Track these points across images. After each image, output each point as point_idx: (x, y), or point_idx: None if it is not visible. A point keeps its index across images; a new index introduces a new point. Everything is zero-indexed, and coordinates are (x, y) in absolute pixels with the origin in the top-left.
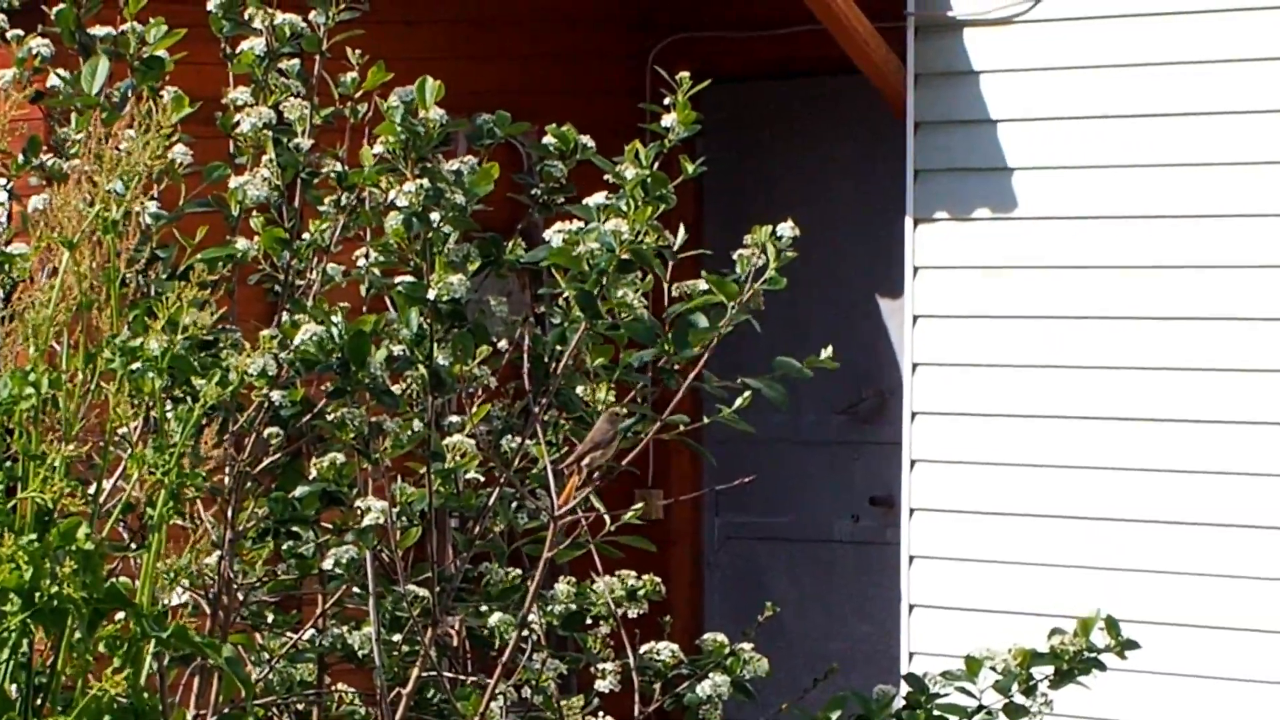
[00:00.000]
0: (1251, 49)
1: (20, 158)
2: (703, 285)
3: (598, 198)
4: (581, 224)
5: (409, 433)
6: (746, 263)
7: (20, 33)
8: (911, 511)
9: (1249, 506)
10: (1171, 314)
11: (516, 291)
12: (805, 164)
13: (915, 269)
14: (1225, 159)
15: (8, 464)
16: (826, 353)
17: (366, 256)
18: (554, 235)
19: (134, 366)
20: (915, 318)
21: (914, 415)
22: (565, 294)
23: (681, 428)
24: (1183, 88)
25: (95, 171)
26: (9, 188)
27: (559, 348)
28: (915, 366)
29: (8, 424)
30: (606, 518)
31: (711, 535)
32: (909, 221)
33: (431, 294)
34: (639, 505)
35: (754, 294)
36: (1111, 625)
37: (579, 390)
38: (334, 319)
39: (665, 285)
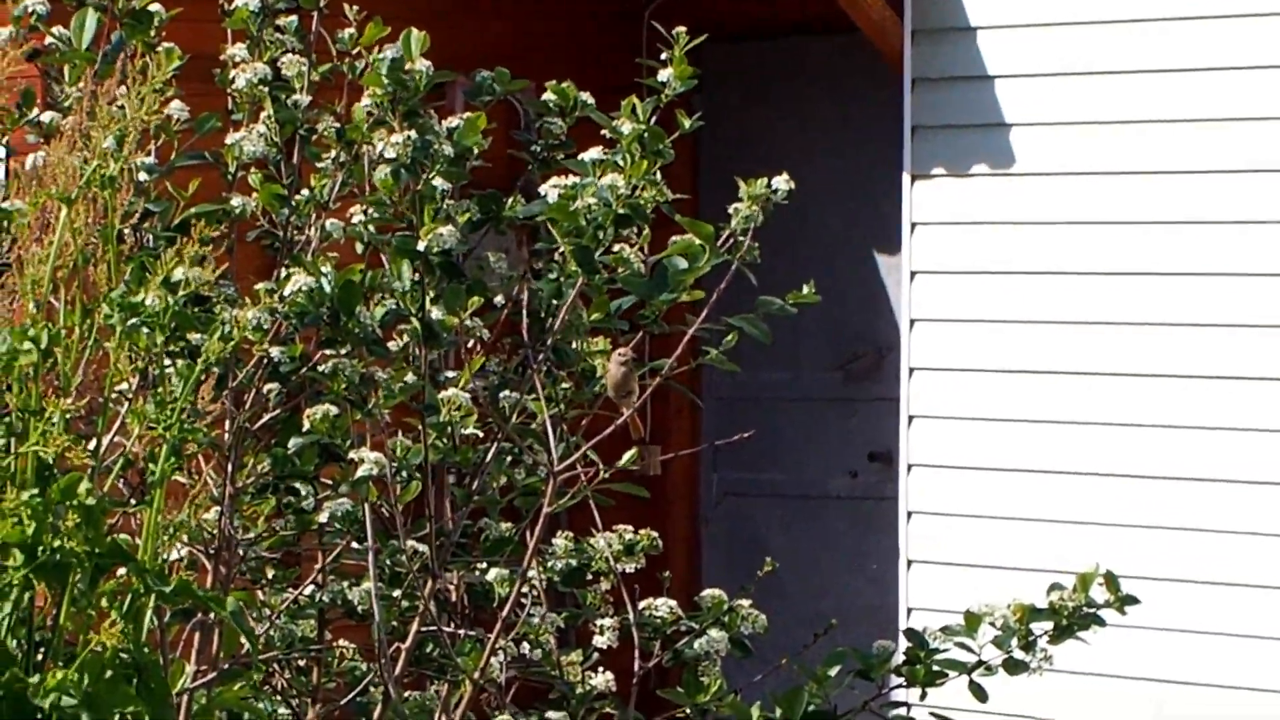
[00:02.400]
0: (1261, 4)
1: (15, 113)
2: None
3: (594, 153)
4: (577, 179)
5: (401, 384)
6: (741, 216)
7: None
8: (909, 467)
9: (1251, 462)
10: (1174, 269)
11: (514, 248)
12: (801, 121)
13: (912, 225)
14: (1231, 115)
15: (8, 419)
16: (808, 288)
17: (365, 213)
18: (550, 190)
19: (132, 322)
20: (912, 274)
21: (912, 371)
22: (561, 249)
23: (669, 371)
24: (1186, 43)
25: (90, 127)
26: (5, 143)
27: (555, 302)
28: (913, 322)
29: (7, 380)
30: (602, 467)
31: (709, 492)
32: (906, 178)
33: (422, 245)
34: (632, 451)
35: (748, 247)
36: (1111, 581)
37: (574, 345)
38: (324, 270)
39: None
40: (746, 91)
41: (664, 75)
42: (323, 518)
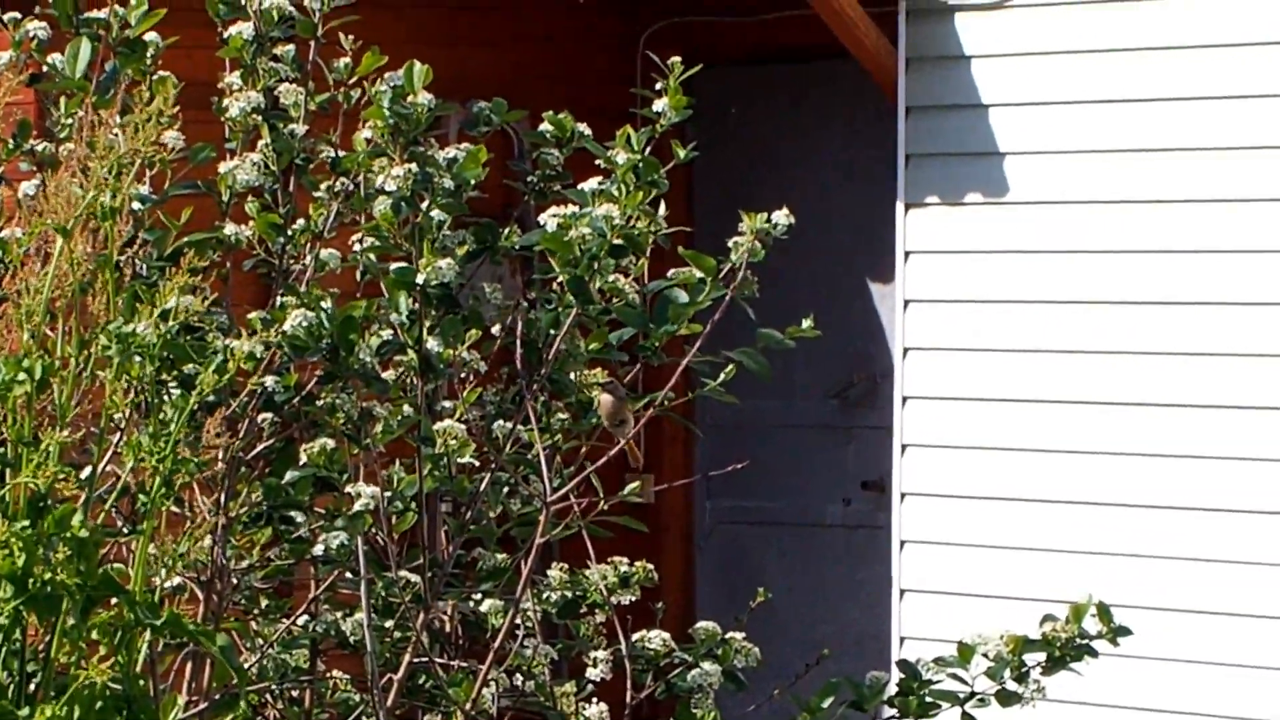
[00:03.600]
0: (1250, 33)
1: (10, 142)
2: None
3: (592, 183)
4: (575, 208)
5: (399, 418)
6: (740, 249)
7: (18, 15)
8: (903, 496)
9: (1242, 491)
10: (1164, 298)
11: (508, 277)
12: (795, 148)
13: (906, 254)
14: (1220, 144)
15: (1, 450)
16: (807, 323)
17: (361, 242)
18: (548, 219)
19: (126, 352)
20: (906, 302)
21: (905, 400)
22: (558, 279)
23: (666, 403)
24: (1177, 72)
25: (88, 157)
26: (1, 175)
27: (551, 332)
28: (906, 351)
29: (2, 410)
30: (600, 498)
31: (703, 520)
32: (900, 206)
33: (420, 278)
34: (634, 485)
35: (746, 281)
36: (1103, 611)
37: (571, 376)
38: (324, 305)
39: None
40: (741, 117)
41: (659, 105)
42: (318, 550)
